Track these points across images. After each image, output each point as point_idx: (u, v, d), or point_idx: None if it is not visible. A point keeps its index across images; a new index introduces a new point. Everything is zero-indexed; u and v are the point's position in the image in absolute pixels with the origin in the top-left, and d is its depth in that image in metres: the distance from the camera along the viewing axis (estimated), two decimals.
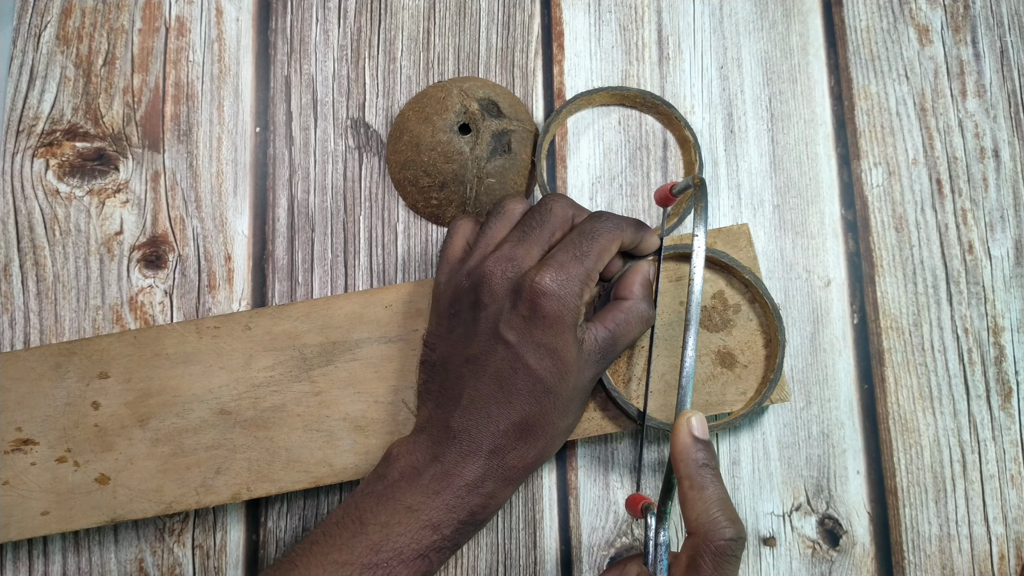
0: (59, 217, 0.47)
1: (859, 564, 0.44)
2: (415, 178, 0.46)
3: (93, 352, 0.42)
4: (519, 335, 0.36)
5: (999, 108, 0.50)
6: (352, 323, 0.43)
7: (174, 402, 0.41)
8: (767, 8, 0.51)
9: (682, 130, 0.48)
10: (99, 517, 0.40)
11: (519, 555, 0.44)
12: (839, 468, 0.45)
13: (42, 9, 0.49)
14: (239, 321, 0.43)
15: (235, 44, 0.49)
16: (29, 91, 0.48)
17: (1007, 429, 0.46)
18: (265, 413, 0.41)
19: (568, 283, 0.36)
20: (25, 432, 0.41)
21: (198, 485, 0.40)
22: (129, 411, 0.41)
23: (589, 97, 0.48)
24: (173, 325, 0.42)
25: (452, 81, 0.48)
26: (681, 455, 0.34)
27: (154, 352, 0.42)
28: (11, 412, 0.41)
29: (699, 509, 0.33)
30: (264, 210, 0.47)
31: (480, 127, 0.45)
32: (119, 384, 0.42)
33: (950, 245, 0.48)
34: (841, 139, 0.49)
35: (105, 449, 0.41)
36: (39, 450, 0.41)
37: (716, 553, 0.31)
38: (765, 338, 0.43)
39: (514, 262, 0.37)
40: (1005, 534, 0.45)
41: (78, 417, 0.41)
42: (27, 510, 0.40)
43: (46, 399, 0.41)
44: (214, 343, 0.42)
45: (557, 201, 0.39)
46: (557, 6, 0.51)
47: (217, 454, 0.41)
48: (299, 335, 0.42)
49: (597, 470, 0.45)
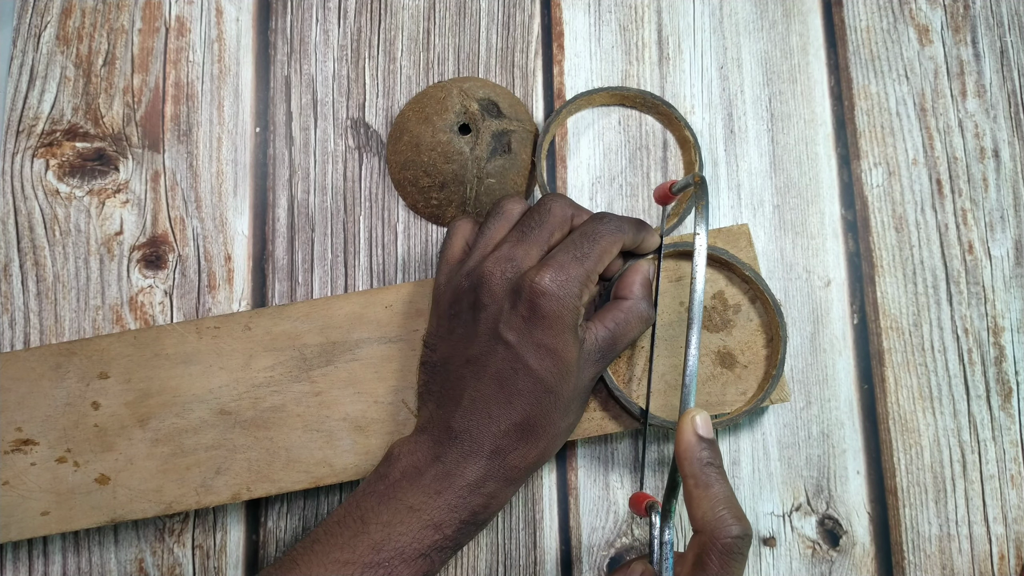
0: (59, 217, 0.47)
1: (859, 564, 0.44)
2: (415, 178, 0.46)
3: (93, 352, 0.42)
4: (519, 335, 0.36)
5: (999, 108, 0.50)
6: (352, 323, 0.43)
7: (174, 402, 0.41)
8: (767, 8, 0.51)
9: (682, 130, 0.48)
10: (99, 517, 0.40)
11: (519, 555, 0.44)
12: (839, 468, 0.45)
13: (42, 9, 0.49)
14: (239, 321, 0.43)
15: (235, 44, 0.50)
16: (29, 91, 0.48)
17: (1007, 429, 0.46)
18: (265, 413, 0.41)
19: (568, 284, 0.36)
20: (25, 432, 0.41)
21: (198, 485, 0.40)
22: (129, 411, 0.41)
23: (589, 97, 0.48)
24: (173, 325, 0.42)
25: (452, 81, 0.48)
26: (686, 454, 0.34)
27: (154, 352, 0.42)
28: (11, 412, 0.41)
29: (705, 507, 0.33)
30: (264, 210, 0.47)
31: (480, 127, 0.45)
32: (119, 384, 0.42)
33: (950, 245, 0.48)
34: (841, 139, 0.49)
35: (105, 449, 0.41)
36: (39, 450, 0.41)
37: (723, 551, 0.31)
38: (766, 338, 0.43)
39: (513, 262, 0.37)
40: (1005, 534, 0.45)
41: (78, 417, 0.41)
42: (27, 510, 0.40)
43: (46, 399, 0.41)
44: (214, 343, 0.42)
45: (556, 201, 0.39)
46: (557, 6, 0.51)
47: (217, 454, 0.41)
48: (299, 335, 0.42)
49: (597, 470, 0.45)
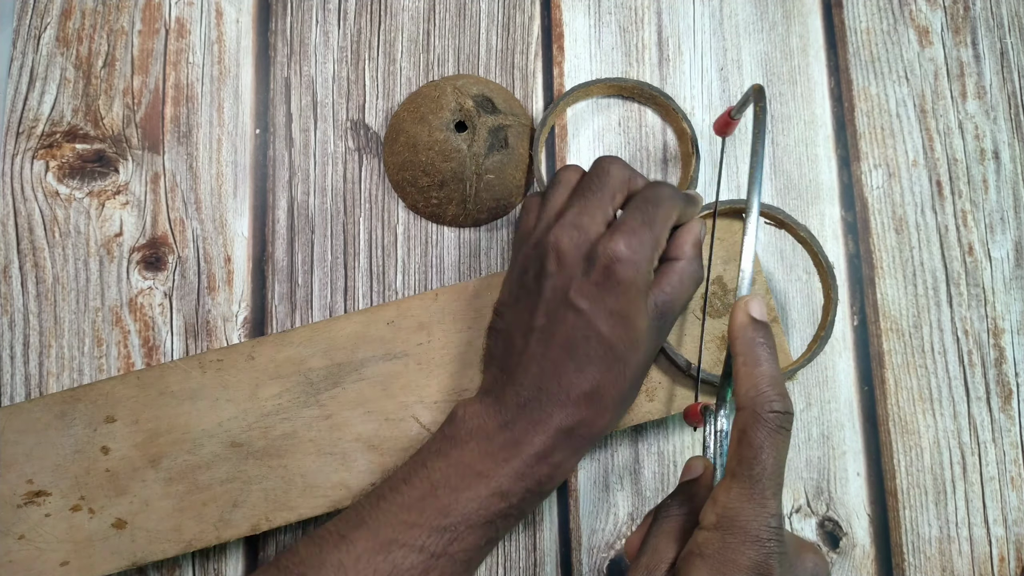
0: (59, 219, 0.47)
1: (859, 566, 0.44)
2: (414, 178, 0.46)
3: (98, 396, 0.42)
4: (591, 302, 0.35)
5: (999, 110, 0.50)
6: (355, 343, 0.42)
7: (184, 439, 0.41)
8: (767, 10, 0.51)
9: (679, 121, 0.48)
10: (120, 562, 0.40)
11: (519, 556, 0.44)
12: (839, 470, 0.45)
13: (42, 10, 0.49)
14: (242, 352, 0.42)
15: (235, 46, 0.49)
16: (29, 93, 0.48)
17: (1007, 431, 0.46)
18: (277, 442, 0.41)
19: (641, 248, 0.36)
20: (36, 484, 0.40)
21: (216, 520, 0.40)
22: (139, 452, 0.41)
23: (586, 89, 0.48)
24: (175, 362, 0.42)
25: (445, 79, 0.48)
26: (737, 332, 0.34)
27: (159, 391, 0.42)
28: (20, 465, 0.41)
29: (749, 384, 0.33)
30: (264, 212, 0.47)
31: (476, 124, 0.45)
32: (127, 426, 0.41)
33: (950, 247, 0.48)
34: (841, 141, 0.49)
35: (119, 493, 0.40)
36: (52, 500, 0.40)
37: (764, 424, 0.31)
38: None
39: (580, 229, 0.37)
40: (1005, 536, 0.45)
41: (88, 464, 0.41)
42: (46, 562, 0.40)
43: (54, 448, 0.41)
44: (218, 376, 0.42)
45: (613, 163, 0.39)
46: (557, 8, 0.51)
47: (232, 487, 0.40)
48: (303, 360, 0.42)
49: (597, 472, 0.45)
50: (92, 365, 0.45)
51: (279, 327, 0.46)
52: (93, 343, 0.45)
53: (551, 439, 0.36)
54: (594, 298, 0.36)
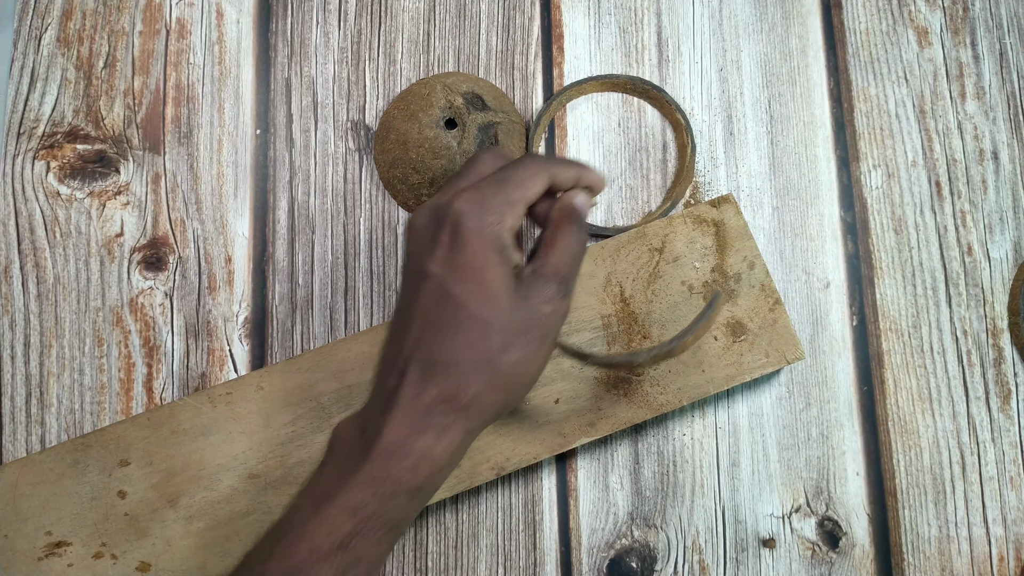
0: (60, 219, 0.47)
1: (858, 566, 0.44)
2: (404, 176, 0.46)
3: (109, 441, 0.41)
4: (441, 264, 0.33)
5: (998, 110, 0.50)
6: (364, 363, 0.42)
7: (200, 476, 0.41)
8: (766, 10, 0.51)
9: (674, 113, 0.48)
10: None
11: (519, 556, 0.44)
12: (839, 470, 0.45)
13: (43, 11, 0.49)
14: (250, 383, 0.42)
15: (236, 46, 0.50)
16: (30, 93, 0.48)
17: (1006, 431, 0.46)
18: (294, 469, 0.41)
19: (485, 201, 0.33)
20: (56, 535, 0.40)
21: (241, 554, 0.39)
22: (157, 493, 0.41)
23: (580, 87, 0.48)
24: (184, 399, 0.42)
25: (435, 77, 0.48)
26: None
27: (170, 430, 0.42)
28: (37, 518, 0.40)
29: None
30: (264, 212, 0.48)
31: (466, 121, 0.45)
32: (141, 468, 0.41)
33: (949, 247, 0.48)
34: (840, 141, 0.49)
35: (140, 536, 0.40)
36: (73, 550, 0.40)
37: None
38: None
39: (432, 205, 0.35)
40: (1004, 536, 0.45)
41: (106, 509, 0.41)
42: None
43: (70, 497, 0.41)
44: (229, 409, 0.42)
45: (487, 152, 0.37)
46: (557, 8, 0.51)
47: (254, 519, 0.40)
48: (313, 385, 0.42)
49: (597, 472, 0.45)
50: (93, 365, 0.45)
51: (280, 327, 0.46)
52: (94, 343, 0.45)
53: (408, 424, 0.32)
54: (443, 260, 0.33)
